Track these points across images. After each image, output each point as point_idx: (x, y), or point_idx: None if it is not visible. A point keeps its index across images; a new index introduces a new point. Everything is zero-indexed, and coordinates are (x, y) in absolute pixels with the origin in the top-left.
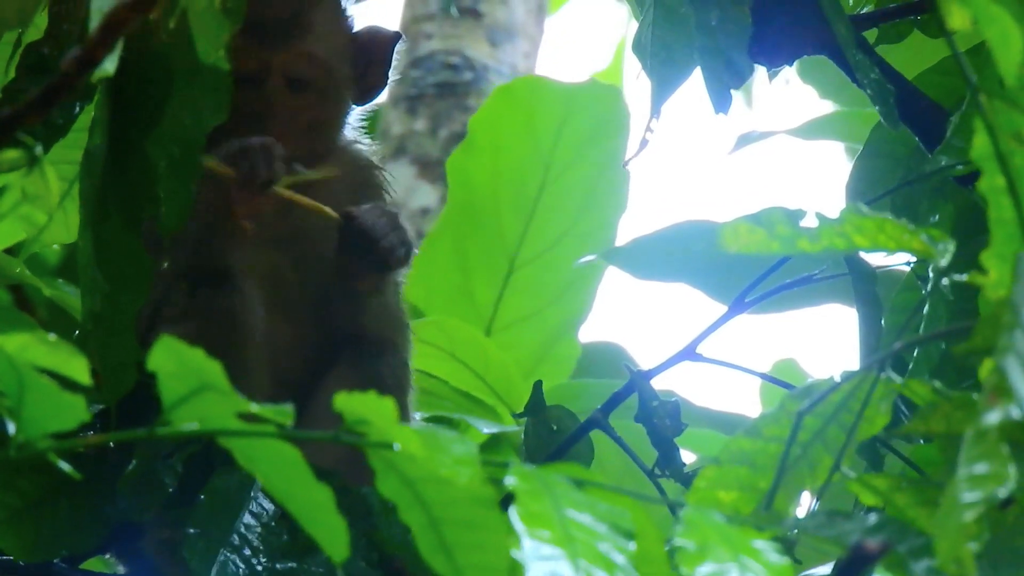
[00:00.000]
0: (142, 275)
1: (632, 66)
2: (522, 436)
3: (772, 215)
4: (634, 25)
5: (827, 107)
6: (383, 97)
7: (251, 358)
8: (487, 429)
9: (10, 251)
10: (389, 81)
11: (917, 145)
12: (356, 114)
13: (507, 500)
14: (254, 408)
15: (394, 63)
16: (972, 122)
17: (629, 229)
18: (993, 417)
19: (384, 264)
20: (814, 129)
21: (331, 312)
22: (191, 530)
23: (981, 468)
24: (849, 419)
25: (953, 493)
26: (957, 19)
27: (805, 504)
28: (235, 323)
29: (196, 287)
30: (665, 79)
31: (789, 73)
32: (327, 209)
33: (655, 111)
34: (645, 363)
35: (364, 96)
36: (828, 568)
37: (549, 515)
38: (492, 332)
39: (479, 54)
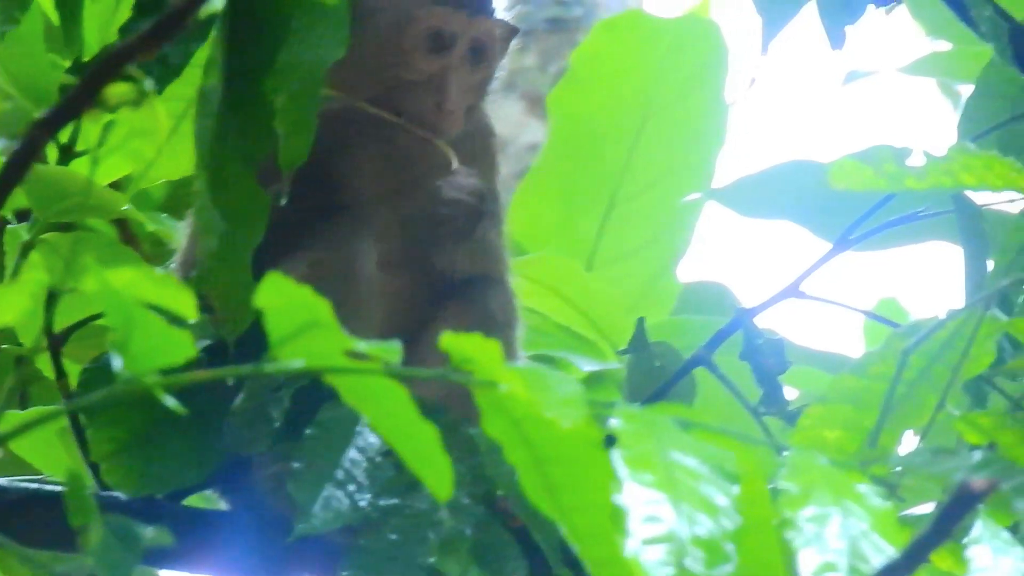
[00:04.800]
0: (259, 213)
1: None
2: (625, 372)
3: (879, 153)
4: None
5: (928, 46)
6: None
7: (364, 300)
8: (588, 367)
9: (115, 185)
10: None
11: None
12: None
13: (612, 439)
14: (361, 346)
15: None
16: None
17: (729, 165)
18: None
19: (442, 237)
20: (920, 66)
21: (436, 260)
22: (297, 464)
23: None
24: (954, 357)
25: None
26: None
27: (910, 443)
28: (348, 262)
29: (313, 225)
30: (774, 16)
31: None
32: (455, 160)
33: (764, 48)
34: (746, 302)
35: None
36: (932, 507)
37: (653, 458)
38: (593, 267)
39: None
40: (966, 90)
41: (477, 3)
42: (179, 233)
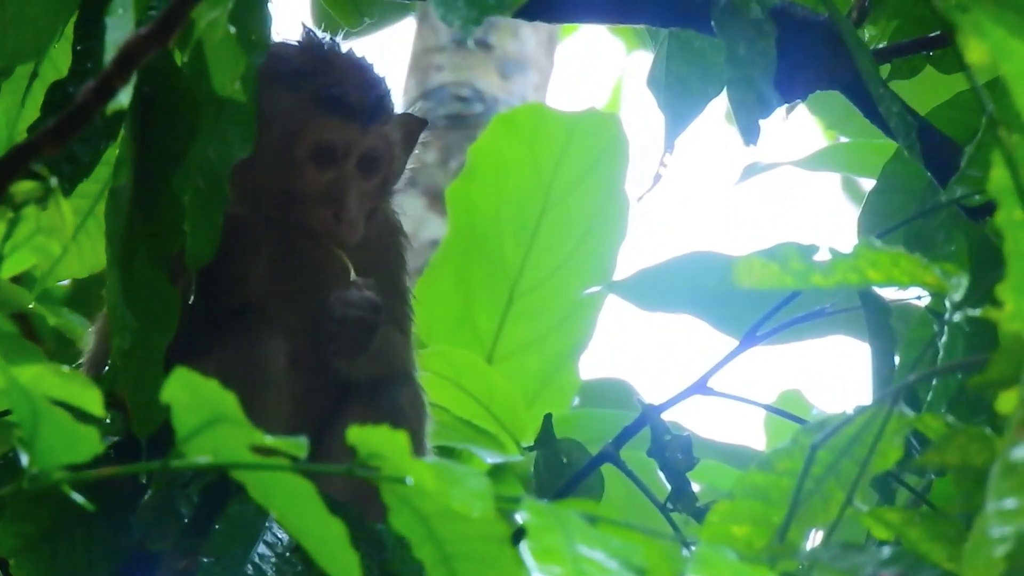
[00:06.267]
0: (170, 311)
1: (631, 98)
2: (531, 468)
3: (785, 250)
4: (632, 59)
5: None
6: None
7: (272, 397)
8: (492, 459)
9: (17, 279)
10: (407, 167)
11: (931, 180)
12: None
13: (518, 535)
14: (268, 440)
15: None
16: (989, 154)
17: (630, 258)
18: (1021, 452)
19: (332, 352)
20: (819, 160)
21: (336, 365)
22: (206, 559)
23: (1011, 503)
24: (862, 453)
25: (982, 528)
26: (976, 53)
27: (817, 539)
28: (256, 361)
29: (220, 324)
30: (680, 113)
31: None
32: (352, 270)
33: (669, 145)
34: (649, 395)
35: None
36: None
37: (561, 551)
38: (493, 360)
39: (490, 86)
40: (868, 184)
41: (368, 114)
42: (88, 333)
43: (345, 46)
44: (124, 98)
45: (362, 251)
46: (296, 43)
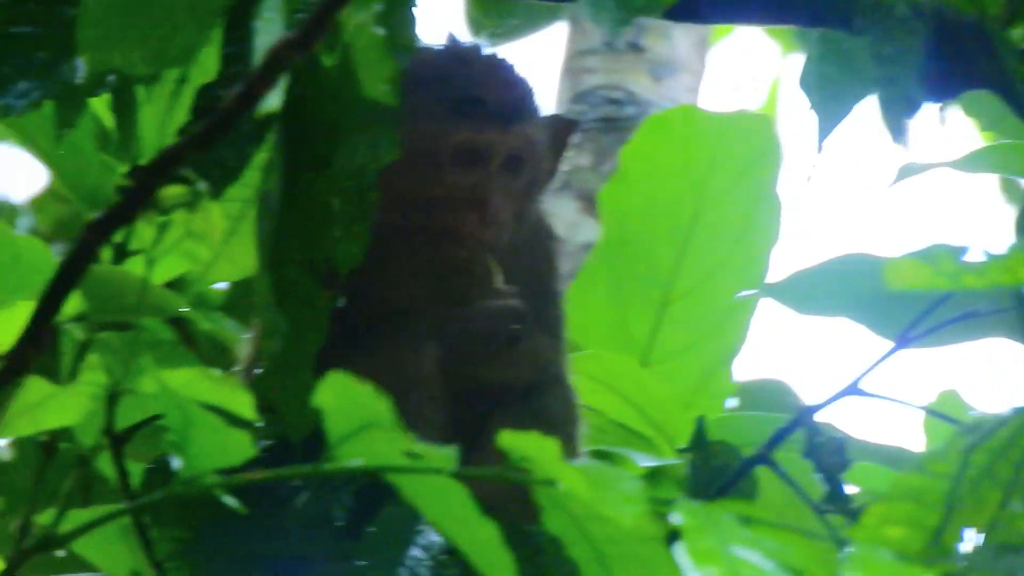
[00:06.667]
0: (320, 315)
1: (788, 100)
2: (685, 470)
3: (937, 251)
4: (788, 61)
5: (982, 141)
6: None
7: (424, 401)
8: (646, 463)
9: (172, 285)
10: (559, 170)
11: None
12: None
13: (673, 536)
14: (419, 448)
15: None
16: None
17: (783, 261)
18: None
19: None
20: (976, 161)
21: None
22: (359, 563)
23: None
24: (1017, 454)
25: None
26: None
27: (974, 541)
28: (408, 365)
29: (370, 329)
30: (830, 113)
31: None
32: (496, 276)
33: (819, 145)
34: (805, 398)
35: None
36: None
37: (716, 552)
38: (648, 364)
39: (641, 88)
40: None
41: (508, 115)
42: (244, 339)
43: (489, 49)
44: (274, 101)
45: (511, 254)
46: (438, 47)
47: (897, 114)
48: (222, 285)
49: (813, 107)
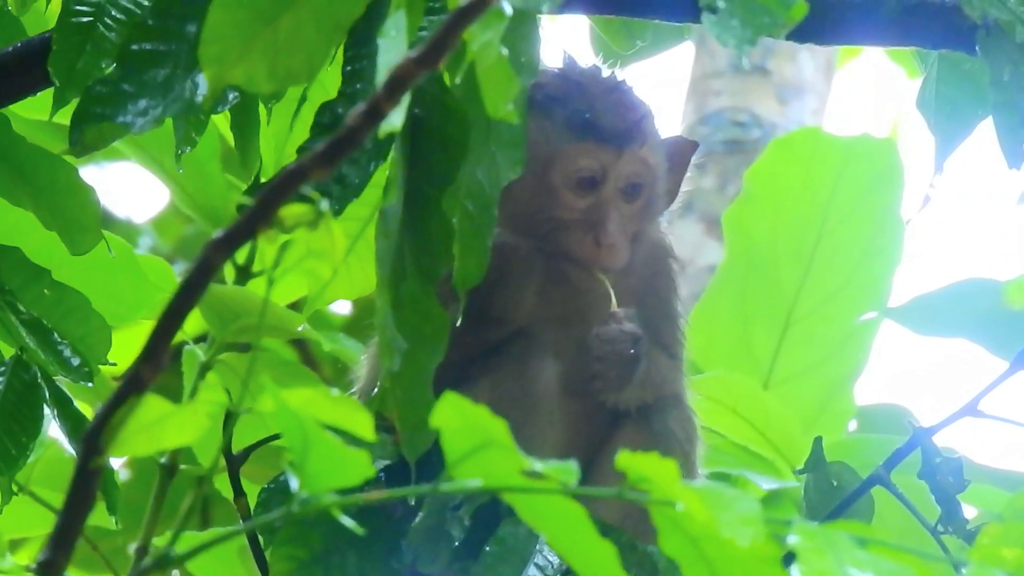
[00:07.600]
0: (439, 334)
1: (912, 124)
2: (802, 492)
3: None
4: (913, 85)
5: None
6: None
7: (542, 420)
8: (767, 485)
9: (294, 307)
10: (682, 191)
11: None
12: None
13: (789, 557)
14: (538, 466)
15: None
16: None
17: (907, 283)
18: None
19: (597, 388)
20: None
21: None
22: None
23: None
24: None
25: None
26: None
27: None
28: (528, 385)
29: (489, 349)
30: (949, 134)
31: None
32: (613, 298)
33: (938, 166)
34: (923, 420)
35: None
36: None
37: (832, 573)
38: (770, 386)
39: (767, 111)
40: None
41: (623, 138)
42: (362, 359)
43: (608, 71)
44: (396, 119)
45: (630, 275)
46: (555, 69)
47: (1013, 139)
48: (340, 304)
49: (931, 128)
